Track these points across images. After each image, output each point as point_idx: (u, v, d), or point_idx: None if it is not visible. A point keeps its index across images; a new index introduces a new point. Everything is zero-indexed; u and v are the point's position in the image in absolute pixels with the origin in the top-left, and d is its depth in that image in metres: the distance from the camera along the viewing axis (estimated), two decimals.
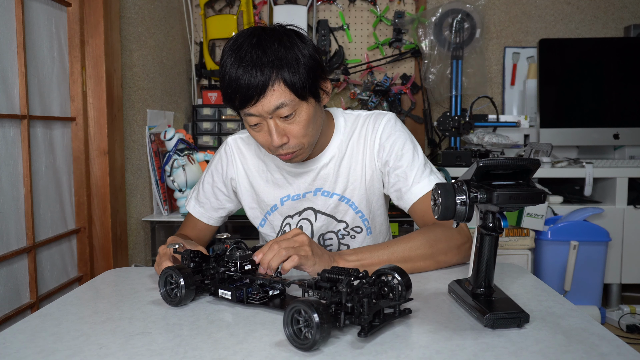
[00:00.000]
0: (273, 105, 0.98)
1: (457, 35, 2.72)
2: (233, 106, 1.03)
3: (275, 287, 0.85)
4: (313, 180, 1.18)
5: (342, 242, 1.22)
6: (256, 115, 1.00)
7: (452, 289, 0.89)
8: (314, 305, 0.66)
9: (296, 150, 1.05)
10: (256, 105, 0.98)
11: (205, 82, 2.92)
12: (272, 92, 0.97)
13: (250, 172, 1.23)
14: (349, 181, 1.18)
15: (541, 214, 2.29)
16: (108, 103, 1.87)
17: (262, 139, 1.05)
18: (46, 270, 1.69)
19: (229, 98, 1.01)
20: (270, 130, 1.01)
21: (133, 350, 0.70)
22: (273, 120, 1.01)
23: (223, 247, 0.91)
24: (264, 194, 1.22)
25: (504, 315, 0.74)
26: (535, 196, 0.72)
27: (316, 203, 1.19)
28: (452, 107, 2.80)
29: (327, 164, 1.17)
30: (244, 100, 0.98)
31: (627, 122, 2.69)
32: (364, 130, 1.17)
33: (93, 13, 1.84)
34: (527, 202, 0.73)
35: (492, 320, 0.74)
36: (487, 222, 0.78)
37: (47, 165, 1.69)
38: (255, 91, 0.97)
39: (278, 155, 1.07)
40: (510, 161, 0.73)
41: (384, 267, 0.81)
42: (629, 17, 2.92)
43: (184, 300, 0.85)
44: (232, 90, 0.99)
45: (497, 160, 0.73)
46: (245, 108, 1.00)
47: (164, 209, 2.23)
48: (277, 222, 1.23)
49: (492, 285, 0.82)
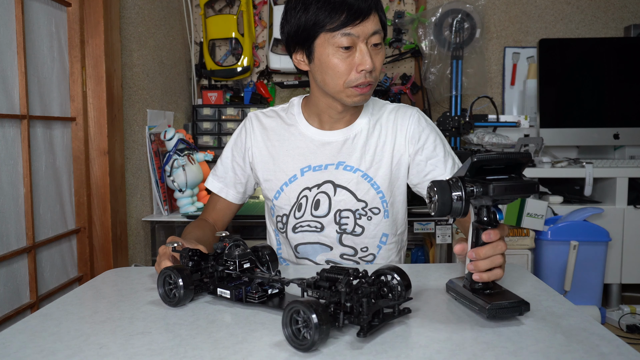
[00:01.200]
0: (373, 29, 1.07)
1: (457, 35, 2.72)
2: (324, 27, 1.06)
3: (274, 286, 0.85)
4: (338, 151, 1.21)
5: (358, 223, 1.21)
6: (355, 35, 1.06)
7: (449, 287, 0.89)
8: (312, 305, 0.66)
9: (372, 83, 1.11)
10: (359, 25, 1.05)
11: (205, 82, 2.92)
12: (373, 18, 1.07)
13: (271, 141, 1.25)
14: (375, 160, 1.20)
15: (541, 214, 2.29)
16: (108, 103, 1.87)
17: (347, 65, 1.08)
18: (46, 270, 1.69)
19: (331, 15, 1.06)
20: (364, 53, 1.07)
21: (133, 350, 0.70)
22: (366, 46, 1.07)
23: (222, 245, 0.91)
24: (284, 164, 1.23)
25: (505, 305, 0.75)
26: (529, 187, 0.75)
27: (337, 177, 1.20)
28: (452, 107, 2.80)
29: (354, 138, 1.21)
30: (351, 17, 1.05)
31: (627, 122, 2.69)
32: (392, 115, 1.24)
33: (93, 13, 1.84)
34: (522, 192, 0.75)
35: (494, 311, 0.75)
36: (482, 217, 0.80)
37: (47, 165, 1.69)
38: (363, 11, 1.05)
39: (355, 87, 1.10)
40: (503, 155, 0.75)
41: (382, 267, 0.81)
42: (629, 17, 2.92)
43: (183, 301, 0.85)
44: (340, 6, 1.05)
45: (490, 155, 0.75)
46: (348, 27, 1.05)
47: (164, 209, 2.23)
48: (293, 194, 1.22)
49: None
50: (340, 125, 1.22)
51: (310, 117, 1.24)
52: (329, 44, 1.08)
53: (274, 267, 0.94)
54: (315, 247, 1.23)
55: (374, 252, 1.23)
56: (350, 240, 1.22)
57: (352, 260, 1.23)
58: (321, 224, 1.21)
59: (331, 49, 1.08)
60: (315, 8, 1.06)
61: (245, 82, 2.91)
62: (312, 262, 1.24)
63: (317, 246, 1.23)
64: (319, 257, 1.23)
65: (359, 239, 1.21)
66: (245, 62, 2.80)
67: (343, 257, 1.23)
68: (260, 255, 0.94)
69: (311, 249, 1.23)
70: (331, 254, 1.23)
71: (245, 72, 2.81)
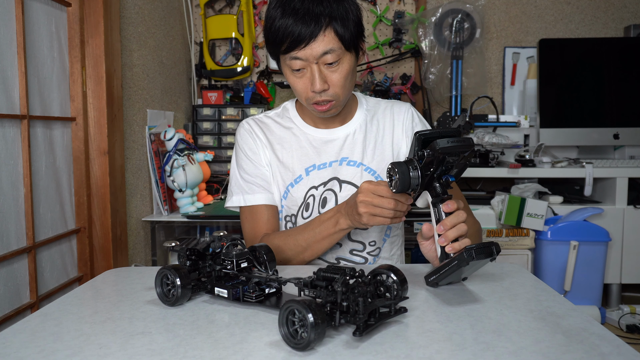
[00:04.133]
0: (321, 50, 1.05)
1: (457, 35, 2.72)
2: (277, 51, 1.08)
3: (271, 285, 0.85)
4: (340, 148, 1.22)
5: None
6: (302, 59, 1.06)
7: (427, 278, 0.94)
8: (308, 304, 0.66)
9: (333, 100, 1.11)
10: (305, 49, 1.05)
11: (205, 82, 2.92)
12: (322, 38, 1.04)
13: (274, 144, 1.25)
14: (376, 153, 1.23)
15: (541, 214, 2.29)
16: (108, 103, 1.87)
17: (302, 85, 1.10)
18: (46, 270, 1.69)
19: (277, 42, 1.06)
20: (314, 74, 1.07)
21: (133, 350, 0.70)
22: (317, 66, 1.07)
23: (219, 244, 0.91)
24: (289, 165, 1.23)
25: (479, 246, 0.81)
26: (467, 140, 0.85)
27: (342, 173, 1.22)
28: (452, 107, 2.80)
29: (354, 133, 1.23)
30: (293, 44, 1.04)
31: (627, 122, 2.69)
32: (388, 110, 1.27)
33: (93, 13, 1.84)
34: (462, 147, 0.84)
35: (471, 251, 0.81)
36: (437, 191, 0.90)
37: (47, 165, 1.69)
38: (307, 36, 1.03)
39: (314, 104, 1.11)
40: (441, 130, 0.87)
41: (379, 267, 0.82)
42: (629, 17, 2.92)
43: (181, 300, 0.85)
44: (283, 34, 1.04)
45: (431, 131, 0.88)
46: (293, 51, 1.05)
47: (164, 209, 2.23)
48: (300, 194, 1.22)
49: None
50: (336, 124, 1.24)
51: (306, 119, 1.26)
52: (285, 64, 1.11)
53: (271, 267, 0.94)
54: None
55: (380, 245, 1.24)
56: (358, 234, 1.23)
57: (361, 255, 1.24)
58: None
59: (287, 69, 1.11)
60: (270, 28, 1.08)
61: (245, 82, 2.91)
62: (322, 260, 1.24)
63: None
64: (329, 256, 1.24)
65: (367, 232, 1.23)
66: (245, 62, 2.80)
67: (353, 252, 1.23)
68: (258, 254, 0.94)
69: None
70: (341, 251, 1.23)
71: (245, 72, 2.81)
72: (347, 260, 1.23)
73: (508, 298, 0.88)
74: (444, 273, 0.88)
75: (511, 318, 0.79)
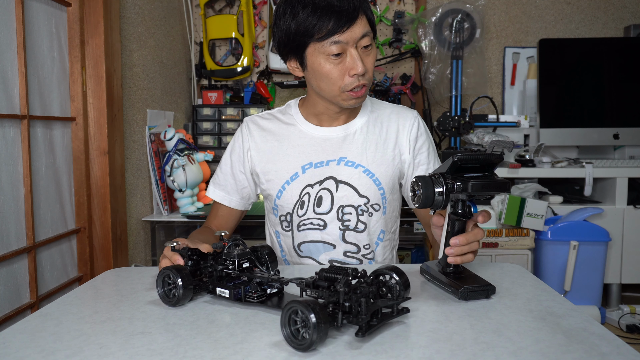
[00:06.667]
0: (361, 32, 1.07)
1: (457, 35, 2.72)
2: (308, 41, 1.08)
3: (273, 285, 0.85)
4: (339, 147, 1.22)
5: (360, 219, 1.22)
6: (343, 42, 1.07)
7: (423, 269, 1.00)
8: (310, 305, 0.66)
9: (366, 84, 1.12)
10: (347, 31, 1.06)
11: (205, 82, 2.92)
12: (360, 20, 1.07)
13: (270, 142, 1.25)
14: (376, 156, 1.22)
15: (541, 214, 2.29)
16: (108, 103, 1.87)
17: (339, 71, 1.10)
18: (46, 270, 1.69)
19: (314, 30, 1.06)
20: (354, 57, 1.08)
21: (133, 350, 0.70)
22: (356, 50, 1.08)
23: (221, 244, 0.91)
24: (285, 162, 1.23)
25: (475, 289, 0.87)
26: (502, 185, 0.86)
27: (339, 172, 1.21)
28: (452, 107, 2.80)
29: (355, 134, 1.23)
30: (337, 26, 1.05)
31: (627, 122, 2.69)
32: (394, 114, 1.26)
33: (93, 13, 1.84)
34: (496, 190, 0.86)
35: (465, 293, 0.86)
36: (457, 209, 0.91)
37: (47, 165, 1.69)
38: (349, 17, 1.05)
39: (351, 91, 1.12)
40: (480, 156, 0.87)
41: (381, 267, 0.81)
42: (629, 17, 2.92)
43: (182, 300, 0.85)
44: (326, 15, 1.05)
45: (468, 155, 0.86)
46: (335, 35, 1.06)
47: (164, 209, 2.23)
48: (295, 191, 1.22)
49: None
50: (339, 122, 1.24)
51: (309, 117, 1.25)
52: (319, 53, 1.09)
53: (273, 267, 0.94)
54: (318, 245, 1.23)
55: (373, 249, 1.24)
56: (353, 237, 1.22)
57: (355, 257, 1.23)
58: (324, 222, 1.21)
59: (322, 57, 1.09)
60: (303, 16, 1.06)
61: (245, 82, 2.91)
62: (315, 261, 1.24)
63: (320, 245, 1.23)
64: (322, 257, 1.23)
65: (362, 235, 1.22)
66: (245, 62, 2.80)
67: (346, 254, 1.23)
68: (260, 254, 0.94)
69: (314, 248, 1.23)
70: (334, 253, 1.23)
71: (245, 72, 2.81)
72: (340, 263, 1.22)
73: (508, 298, 0.88)
74: (435, 283, 0.94)
75: (511, 318, 0.79)
